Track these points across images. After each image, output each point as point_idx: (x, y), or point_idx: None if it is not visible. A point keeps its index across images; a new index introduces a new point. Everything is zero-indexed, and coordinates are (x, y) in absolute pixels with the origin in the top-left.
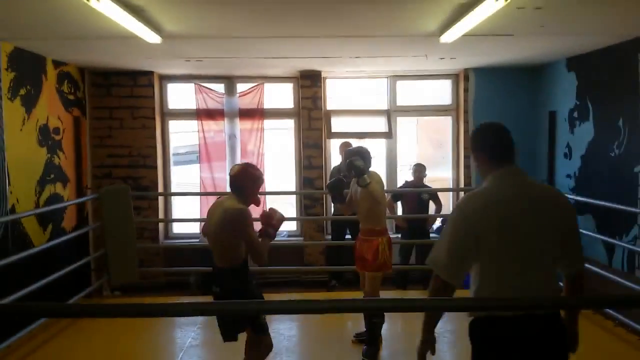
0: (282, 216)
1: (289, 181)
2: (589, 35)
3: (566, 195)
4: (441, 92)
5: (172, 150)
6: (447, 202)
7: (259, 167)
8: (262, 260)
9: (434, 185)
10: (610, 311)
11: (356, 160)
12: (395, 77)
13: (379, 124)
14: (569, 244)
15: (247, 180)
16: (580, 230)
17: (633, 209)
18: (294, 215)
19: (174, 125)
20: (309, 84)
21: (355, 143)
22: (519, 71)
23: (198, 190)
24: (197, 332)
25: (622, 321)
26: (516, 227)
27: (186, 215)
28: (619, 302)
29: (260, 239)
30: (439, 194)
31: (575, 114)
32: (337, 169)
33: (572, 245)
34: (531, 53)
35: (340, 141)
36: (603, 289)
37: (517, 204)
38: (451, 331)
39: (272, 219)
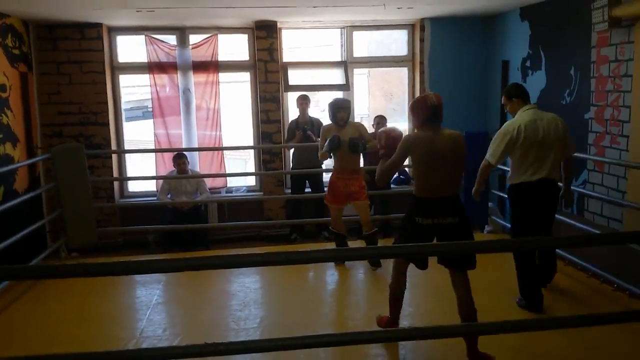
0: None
1: (247, 135)
2: None
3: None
4: (396, 43)
5: (122, 106)
6: None
7: (214, 121)
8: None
9: None
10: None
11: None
12: (352, 28)
13: (336, 76)
14: (566, 143)
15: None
16: None
17: (582, 155)
18: (253, 170)
19: (123, 79)
20: (265, 35)
21: (312, 95)
22: (474, 21)
23: (149, 147)
24: (162, 290)
25: (584, 266)
26: (536, 136)
27: (140, 173)
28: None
29: None
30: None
31: (528, 63)
32: (295, 122)
33: (568, 143)
34: (486, 2)
35: (297, 94)
36: (554, 231)
37: (537, 124)
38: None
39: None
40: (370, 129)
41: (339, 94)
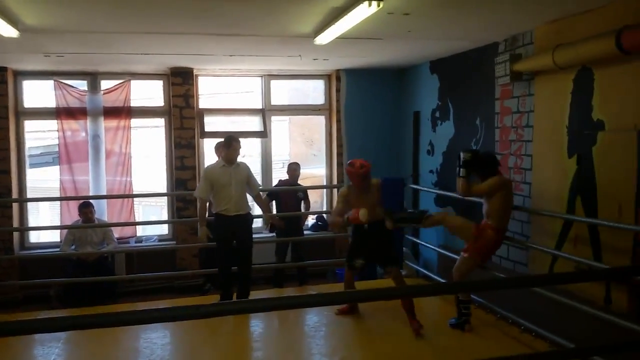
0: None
1: (160, 182)
2: (450, 40)
3: (429, 189)
4: (315, 92)
5: (27, 152)
6: (321, 199)
7: (125, 167)
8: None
9: (306, 182)
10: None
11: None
12: (270, 76)
13: (254, 123)
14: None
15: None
16: None
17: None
18: (165, 218)
19: (29, 125)
20: (180, 81)
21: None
22: (387, 73)
23: (57, 194)
24: (61, 348)
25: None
26: None
27: (45, 223)
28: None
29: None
30: (308, 192)
31: (438, 114)
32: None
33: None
34: (398, 56)
35: (214, 141)
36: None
37: None
38: (326, 324)
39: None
40: (284, 175)
41: (256, 141)
